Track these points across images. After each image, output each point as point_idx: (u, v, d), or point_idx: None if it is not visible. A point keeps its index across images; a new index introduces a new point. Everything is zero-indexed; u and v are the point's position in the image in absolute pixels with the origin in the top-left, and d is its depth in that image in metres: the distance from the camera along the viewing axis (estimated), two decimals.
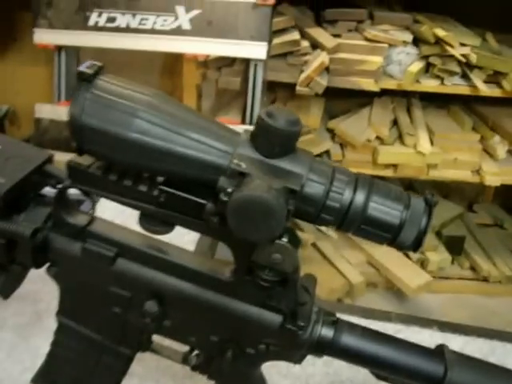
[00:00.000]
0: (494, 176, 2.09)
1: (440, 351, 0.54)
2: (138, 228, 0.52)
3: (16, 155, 0.55)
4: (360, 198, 0.46)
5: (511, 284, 2.27)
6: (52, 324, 0.59)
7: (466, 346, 0.86)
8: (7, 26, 2.21)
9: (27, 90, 2.16)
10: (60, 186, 0.53)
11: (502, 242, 2.40)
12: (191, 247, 0.99)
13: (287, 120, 0.44)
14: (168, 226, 0.51)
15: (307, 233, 2.27)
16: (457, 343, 0.83)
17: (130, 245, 0.53)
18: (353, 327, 0.55)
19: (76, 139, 0.47)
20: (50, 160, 0.56)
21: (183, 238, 0.59)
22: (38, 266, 0.55)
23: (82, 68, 0.46)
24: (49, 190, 0.55)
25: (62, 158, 0.53)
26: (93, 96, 0.46)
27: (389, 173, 2.13)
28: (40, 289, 0.86)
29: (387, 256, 2.21)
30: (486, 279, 2.27)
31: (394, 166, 2.11)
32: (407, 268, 2.17)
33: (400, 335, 0.55)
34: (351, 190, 0.46)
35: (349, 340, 0.54)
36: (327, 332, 0.54)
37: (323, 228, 2.33)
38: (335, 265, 2.19)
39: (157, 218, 0.50)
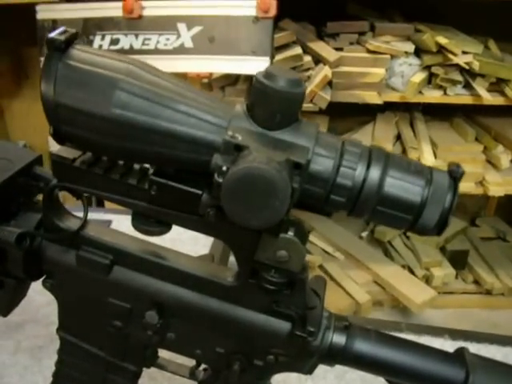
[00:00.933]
0: (497, 186, 2.09)
1: (460, 354, 0.51)
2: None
3: (1, 156, 0.51)
4: (375, 173, 0.39)
5: None
6: None
7: (478, 353, 0.84)
8: (18, 64, 2.23)
9: (43, 126, 2.13)
10: (47, 186, 0.49)
11: (505, 255, 2.41)
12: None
13: (288, 80, 0.38)
14: (163, 226, 0.46)
15: (315, 255, 2.28)
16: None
17: (127, 250, 0.49)
18: (366, 332, 0.51)
19: (51, 121, 0.42)
20: (38, 161, 0.52)
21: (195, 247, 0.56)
22: (33, 278, 0.52)
23: (52, 34, 0.40)
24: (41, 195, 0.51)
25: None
26: (65, 67, 0.40)
27: None
28: (54, 311, 0.86)
29: (393, 274, 2.21)
30: (489, 292, 2.28)
31: None
32: (412, 284, 2.17)
33: None
34: (364, 164, 0.40)
35: (363, 346, 0.49)
36: (339, 338, 0.49)
37: (330, 249, 2.31)
38: (342, 285, 2.18)
39: (150, 217, 0.45)
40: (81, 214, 0.50)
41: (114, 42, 1.82)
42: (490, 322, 2.14)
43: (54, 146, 1.62)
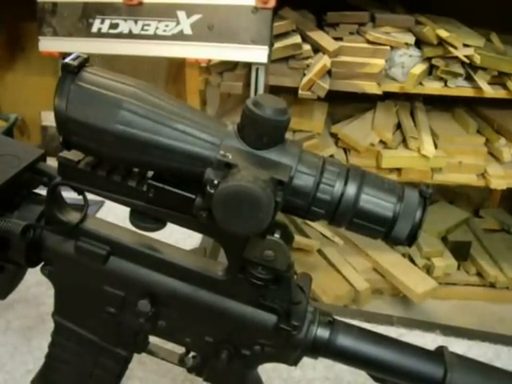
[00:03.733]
0: (499, 179, 2.07)
1: (440, 353, 0.53)
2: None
3: (8, 153, 0.55)
4: (351, 189, 0.44)
5: None
6: None
7: (469, 350, 0.85)
8: (15, 37, 2.25)
9: (35, 99, 2.18)
10: (51, 182, 0.52)
11: (509, 248, 2.38)
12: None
13: (275, 109, 0.43)
14: (159, 223, 0.50)
15: (313, 239, 2.27)
16: (460, 347, 0.81)
17: (123, 243, 0.52)
18: (349, 328, 0.53)
19: (62, 132, 0.46)
20: (42, 158, 0.56)
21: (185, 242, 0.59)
22: (32, 265, 0.55)
23: (67, 60, 0.45)
24: (43, 188, 0.55)
25: None
26: (77, 88, 0.45)
27: (393, 177, 2.11)
28: (44, 292, 0.90)
29: (393, 262, 2.20)
30: (492, 285, 2.25)
31: (398, 171, 2.10)
32: (413, 274, 2.15)
33: (402, 339, 0.54)
34: (342, 181, 0.44)
35: (345, 341, 0.52)
36: (323, 332, 0.52)
37: (328, 234, 2.32)
38: (341, 271, 2.17)
39: (147, 215, 0.49)
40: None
41: (114, 26, 1.83)
42: (495, 317, 2.11)
43: (47, 121, 1.65)
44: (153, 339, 0.59)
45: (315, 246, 2.23)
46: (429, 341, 0.57)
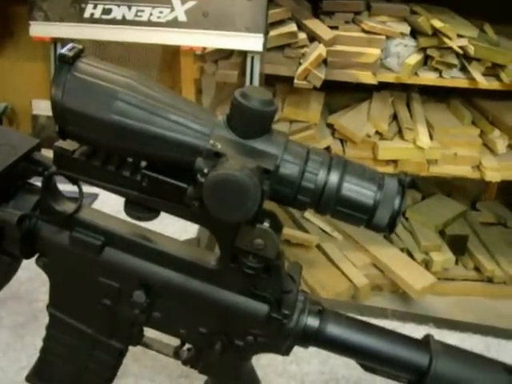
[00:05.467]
0: (494, 172, 2.07)
1: (426, 341, 0.54)
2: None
3: (3, 142, 0.55)
4: (334, 178, 0.46)
5: None
6: None
7: (462, 342, 0.84)
8: (4, 21, 2.21)
9: (25, 87, 2.15)
10: (46, 172, 0.52)
11: (506, 241, 2.37)
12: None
13: (261, 100, 0.45)
14: (153, 212, 0.51)
15: (312, 234, 2.26)
16: (453, 340, 0.81)
17: (118, 233, 0.53)
18: (338, 316, 0.55)
19: (58, 122, 0.47)
20: (38, 147, 0.56)
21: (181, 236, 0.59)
22: (27, 256, 0.55)
23: (63, 50, 0.46)
24: (38, 179, 0.54)
25: None
26: (73, 78, 0.46)
27: (389, 169, 2.10)
28: (37, 288, 0.88)
29: (391, 257, 2.19)
30: (490, 280, 2.24)
31: (395, 162, 2.09)
32: (411, 269, 2.15)
33: None
34: (325, 170, 0.46)
35: (335, 330, 0.53)
36: (313, 321, 0.54)
37: (328, 229, 2.31)
38: (340, 267, 2.16)
39: (141, 204, 0.50)
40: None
41: (106, 11, 1.81)
42: (494, 313, 2.10)
43: (37, 109, 1.63)
44: (148, 333, 0.58)
45: (314, 241, 2.23)
46: (422, 333, 0.59)
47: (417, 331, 0.85)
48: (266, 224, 0.47)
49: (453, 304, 2.16)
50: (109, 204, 0.52)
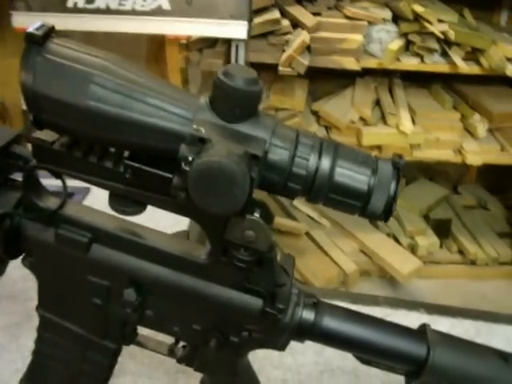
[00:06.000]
0: (475, 155, 2.11)
1: (422, 331, 0.53)
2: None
3: None
4: (326, 163, 0.43)
5: (498, 266, 2.30)
6: None
7: (453, 328, 0.87)
8: None
9: (14, 82, 2.11)
10: (26, 166, 0.49)
11: (487, 224, 2.43)
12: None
13: (246, 79, 0.42)
14: (139, 206, 0.48)
15: (300, 222, 2.28)
16: (444, 326, 0.82)
17: (105, 229, 0.50)
18: (334, 309, 0.53)
19: (31, 109, 0.44)
20: (16, 140, 0.52)
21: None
22: (12, 256, 0.53)
23: (31, 29, 0.42)
24: (19, 174, 0.51)
25: None
26: (44, 61, 0.42)
27: (373, 154, 2.12)
28: (30, 287, 0.84)
29: (378, 243, 2.22)
30: (473, 262, 2.29)
31: (379, 148, 2.12)
32: (398, 254, 2.18)
33: (388, 319, 0.54)
34: (316, 154, 0.43)
35: (330, 323, 0.52)
36: (308, 315, 0.52)
37: (315, 216, 2.33)
38: (329, 254, 2.19)
39: (126, 198, 0.47)
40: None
41: (90, 1, 1.79)
42: (478, 294, 2.15)
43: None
44: (142, 331, 0.57)
45: (303, 228, 2.24)
46: (414, 319, 0.59)
47: (408, 317, 0.88)
48: (257, 215, 0.44)
49: (438, 287, 2.20)
50: (104, 198, 0.49)
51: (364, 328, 0.52)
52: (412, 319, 0.57)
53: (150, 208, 0.49)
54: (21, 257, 0.54)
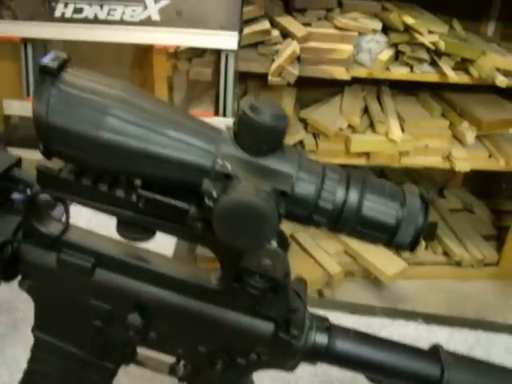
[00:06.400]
0: (463, 162, 2.12)
1: (435, 351, 0.52)
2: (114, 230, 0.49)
3: None
4: (353, 197, 0.42)
5: (483, 267, 2.33)
6: (29, 333, 0.55)
7: (451, 337, 0.86)
8: None
9: None
10: (29, 192, 0.48)
11: (473, 226, 2.45)
12: (170, 246, 0.98)
13: (273, 114, 0.41)
14: (148, 233, 0.47)
15: (284, 224, 2.26)
16: (443, 335, 0.82)
17: (109, 254, 0.49)
18: (346, 332, 0.52)
19: (42, 140, 0.43)
20: (17, 164, 0.51)
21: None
22: (9, 279, 0.51)
23: (46, 61, 0.41)
24: (18, 196, 0.51)
25: (33, 156, 0.49)
26: (59, 92, 0.41)
27: (362, 161, 2.15)
28: (15, 297, 0.81)
29: (363, 244, 2.21)
30: (458, 264, 2.31)
31: (367, 155, 2.13)
32: (383, 256, 2.19)
33: (385, 330, 0.54)
34: (344, 188, 0.42)
35: (344, 345, 0.51)
36: (321, 338, 0.51)
37: None
38: (313, 256, 2.20)
39: (136, 225, 0.46)
40: None
41: (78, 10, 1.78)
42: (462, 294, 2.18)
43: (9, 109, 1.58)
44: (141, 349, 0.56)
45: (287, 230, 2.22)
46: (411, 330, 0.58)
47: (406, 327, 0.86)
48: (274, 243, 0.43)
49: (423, 287, 2.23)
50: (83, 215, 0.49)
51: (377, 350, 0.52)
52: (409, 329, 0.56)
53: None
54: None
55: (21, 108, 1.94)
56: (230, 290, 0.48)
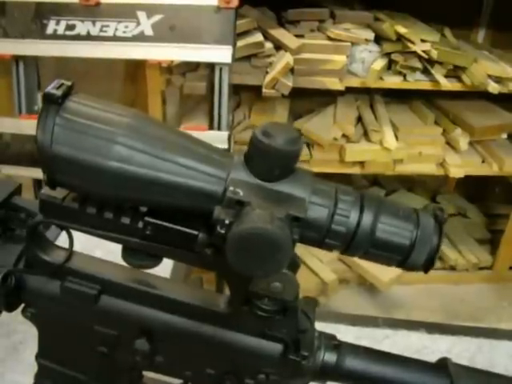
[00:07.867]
0: (457, 168, 2.14)
1: (443, 365, 0.52)
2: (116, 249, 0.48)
3: None
4: (367, 219, 0.42)
5: (477, 271, 2.35)
6: (29, 356, 0.54)
7: (454, 346, 0.86)
8: None
9: None
10: (31, 220, 0.47)
11: (467, 231, 2.47)
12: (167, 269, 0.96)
13: (287, 139, 0.40)
14: (155, 260, 0.46)
15: None
16: (445, 344, 0.82)
17: (115, 280, 0.49)
18: (355, 349, 0.52)
19: (47, 170, 0.42)
20: (18, 191, 0.50)
21: None
22: (12, 309, 0.50)
23: (49, 89, 0.40)
24: (19, 224, 0.50)
25: (25, 173, 0.48)
26: (63, 121, 0.40)
27: (356, 170, 2.16)
28: (14, 319, 0.79)
29: None
30: (453, 268, 2.33)
31: (361, 163, 2.14)
32: None
33: (389, 340, 0.53)
34: (357, 211, 0.42)
35: (353, 363, 0.51)
36: (330, 357, 0.51)
37: None
38: (308, 264, 2.19)
39: (142, 251, 0.46)
40: None
41: (70, 27, 1.76)
42: (457, 298, 2.20)
43: (1, 127, 1.55)
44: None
45: None
46: (414, 339, 0.58)
47: (408, 337, 0.86)
48: None
49: (417, 292, 2.24)
50: (76, 237, 0.47)
51: (386, 366, 0.51)
52: (413, 339, 0.56)
53: None
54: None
55: (13, 126, 1.92)
56: (238, 313, 0.47)
